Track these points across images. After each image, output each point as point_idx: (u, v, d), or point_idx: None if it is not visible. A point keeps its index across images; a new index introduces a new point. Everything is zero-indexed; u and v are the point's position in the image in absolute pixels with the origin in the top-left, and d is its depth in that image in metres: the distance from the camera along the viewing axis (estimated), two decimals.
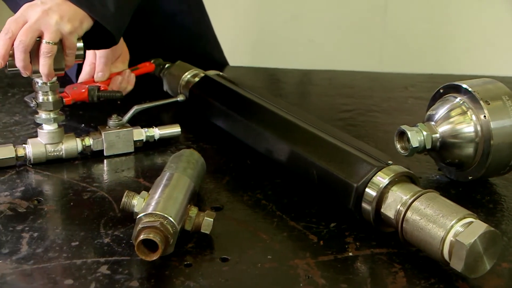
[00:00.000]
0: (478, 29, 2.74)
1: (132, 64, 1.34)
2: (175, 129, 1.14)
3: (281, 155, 0.98)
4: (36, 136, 1.11)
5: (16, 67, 0.98)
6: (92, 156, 1.09)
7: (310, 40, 2.92)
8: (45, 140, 1.04)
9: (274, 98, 1.13)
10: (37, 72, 0.99)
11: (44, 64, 0.96)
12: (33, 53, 0.97)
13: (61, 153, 1.05)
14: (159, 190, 0.86)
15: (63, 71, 1.01)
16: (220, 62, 1.62)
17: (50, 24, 0.95)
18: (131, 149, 1.10)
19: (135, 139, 1.10)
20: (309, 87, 1.53)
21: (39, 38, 0.96)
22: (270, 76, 1.61)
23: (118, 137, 1.09)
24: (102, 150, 1.09)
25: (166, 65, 1.36)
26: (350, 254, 0.82)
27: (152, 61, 1.41)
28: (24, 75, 0.99)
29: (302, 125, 0.99)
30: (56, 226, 0.87)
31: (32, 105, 1.04)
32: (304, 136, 0.97)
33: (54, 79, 1.02)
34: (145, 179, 1.02)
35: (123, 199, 0.84)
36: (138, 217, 0.81)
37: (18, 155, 1.03)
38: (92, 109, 1.27)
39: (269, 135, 1.00)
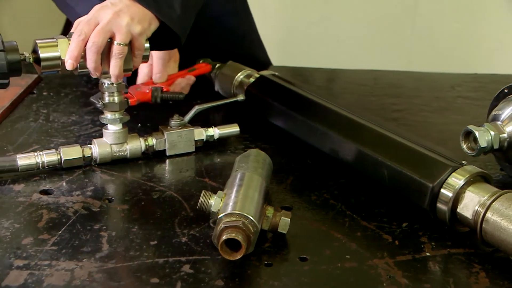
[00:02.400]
0: (508, 29, 2.74)
1: (185, 65, 1.35)
2: (234, 129, 1.15)
3: (348, 155, 0.99)
4: (97, 136, 1.13)
5: (86, 68, 0.99)
6: (154, 156, 1.10)
7: (338, 40, 2.93)
8: (111, 140, 1.05)
9: (331, 98, 1.14)
10: (106, 73, 1.01)
11: (115, 65, 0.97)
12: (103, 54, 0.98)
13: (125, 153, 1.06)
14: (235, 190, 0.87)
15: (131, 72, 1.03)
16: (263, 61, 1.63)
17: (122, 25, 0.96)
18: (192, 149, 1.11)
19: (195, 138, 1.11)
20: (353, 86, 1.54)
21: (110, 39, 0.98)
22: (301, 76, 1.61)
23: (180, 137, 1.10)
24: (164, 150, 1.10)
25: (217, 65, 1.37)
26: (428, 254, 0.83)
27: (201, 61, 1.42)
28: (94, 76, 1.00)
29: (368, 125, 1.00)
30: (132, 225, 0.88)
31: (98, 105, 1.05)
32: (372, 136, 0.97)
33: (121, 80, 1.03)
34: (210, 178, 1.03)
35: (200, 199, 0.85)
36: (218, 217, 0.82)
37: (85, 155, 1.04)
38: (146, 109, 1.28)
39: (334, 135, 1.01)
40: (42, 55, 0.96)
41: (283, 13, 2.91)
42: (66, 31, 2.26)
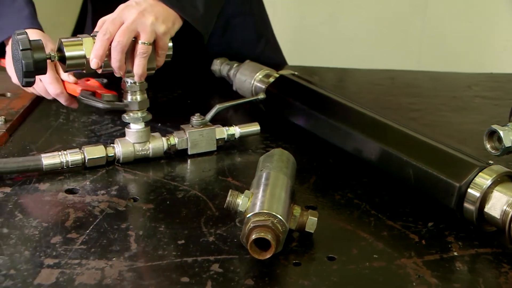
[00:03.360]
0: None
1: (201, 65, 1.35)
2: (255, 128, 1.15)
3: (372, 154, 0.99)
4: (117, 135, 1.14)
5: (110, 67, 1.00)
6: (176, 155, 1.10)
7: (348, 40, 2.93)
8: (133, 139, 1.06)
9: (349, 98, 1.14)
10: (129, 72, 1.01)
11: (139, 64, 0.97)
12: (127, 53, 0.99)
13: (148, 152, 1.07)
14: (261, 189, 0.87)
15: (154, 71, 1.03)
16: (279, 61, 1.63)
17: (146, 25, 0.96)
18: (214, 148, 1.12)
19: (217, 137, 1.12)
20: (369, 86, 1.54)
21: (134, 38, 0.98)
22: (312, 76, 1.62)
23: (201, 135, 1.10)
24: (185, 149, 1.10)
25: (235, 65, 1.38)
26: (455, 253, 0.83)
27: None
28: (118, 75, 1.00)
29: (392, 124, 1.00)
30: (159, 224, 0.89)
31: (101, 105, 1.05)
32: (396, 135, 0.97)
33: (144, 79, 1.03)
34: (233, 178, 1.03)
35: (228, 198, 0.85)
36: (247, 216, 0.82)
37: (108, 155, 1.04)
38: (165, 109, 1.28)
39: (358, 135, 1.01)
40: (68, 53, 0.96)
41: (293, 13, 2.91)
42: (77, 32, 2.27)
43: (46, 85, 1.13)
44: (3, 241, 0.83)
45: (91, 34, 1.00)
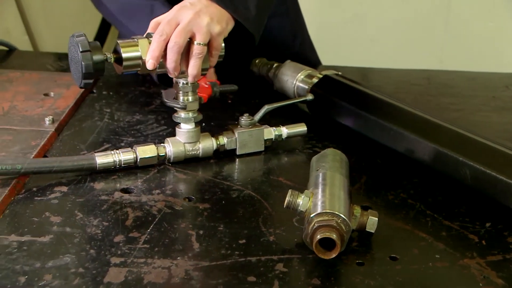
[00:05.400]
0: None
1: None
2: (301, 128, 1.15)
3: (425, 155, 0.99)
4: (164, 135, 1.14)
5: (164, 68, 1.00)
6: (224, 156, 1.11)
7: (371, 40, 2.93)
8: (184, 139, 1.06)
9: (399, 98, 1.14)
10: (183, 72, 1.01)
11: (194, 65, 0.98)
12: (182, 54, 0.99)
13: (198, 152, 1.07)
14: (320, 189, 0.87)
15: (207, 71, 1.03)
16: (314, 61, 1.64)
17: (202, 25, 0.97)
18: (262, 148, 1.12)
19: (265, 138, 1.12)
20: (407, 86, 1.54)
21: (189, 39, 0.98)
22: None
23: (250, 136, 1.10)
24: (233, 149, 1.11)
25: (274, 65, 1.38)
26: None
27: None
28: (172, 76, 1.01)
29: (444, 124, 1.00)
30: (217, 224, 0.89)
31: (178, 105, 1.05)
32: (449, 135, 0.98)
33: (197, 79, 1.03)
34: (285, 177, 1.03)
35: (288, 198, 0.86)
36: (310, 216, 0.82)
37: (159, 154, 1.05)
38: (208, 109, 1.29)
39: (410, 135, 1.01)
40: (124, 55, 0.97)
41: (317, 12, 2.91)
42: (101, 31, 2.27)
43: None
44: (67, 240, 0.83)
45: (144, 35, 1.01)
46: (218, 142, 1.09)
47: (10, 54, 1.62)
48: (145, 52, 0.98)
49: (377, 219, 0.85)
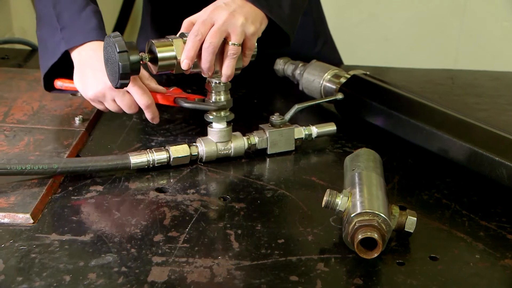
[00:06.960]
0: None
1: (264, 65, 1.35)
2: (331, 128, 1.15)
3: (460, 155, 0.99)
4: (193, 134, 1.14)
5: (198, 68, 1.00)
6: (255, 155, 1.11)
7: (385, 39, 2.92)
8: (216, 138, 1.06)
9: (428, 97, 1.14)
10: (216, 72, 1.01)
11: (229, 65, 0.98)
12: (216, 54, 0.99)
13: (230, 151, 1.07)
14: (357, 189, 0.87)
15: (240, 71, 1.03)
16: (336, 61, 1.63)
17: (237, 26, 0.97)
18: (292, 148, 1.12)
19: (295, 137, 1.12)
20: (431, 86, 1.53)
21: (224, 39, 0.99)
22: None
23: (281, 135, 1.10)
24: (264, 149, 1.11)
25: (300, 65, 1.38)
26: None
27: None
28: (206, 76, 1.01)
29: (478, 124, 1.00)
30: (255, 223, 0.89)
31: (209, 106, 1.05)
32: (484, 135, 0.98)
33: (231, 79, 1.04)
34: (317, 177, 1.03)
35: (326, 198, 0.86)
36: (351, 216, 0.82)
37: (192, 154, 1.05)
38: (234, 109, 1.29)
39: (443, 135, 1.01)
40: (160, 54, 0.97)
41: (333, 12, 2.91)
42: (117, 28, 2.27)
43: (137, 96, 1.06)
44: (108, 239, 0.84)
45: (177, 35, 1.01)
46: (249, 142, 1.09)
47: (33, 54, 1.62)
48: (179, 52, 0.98)
49: (415, 219, 0.85)
